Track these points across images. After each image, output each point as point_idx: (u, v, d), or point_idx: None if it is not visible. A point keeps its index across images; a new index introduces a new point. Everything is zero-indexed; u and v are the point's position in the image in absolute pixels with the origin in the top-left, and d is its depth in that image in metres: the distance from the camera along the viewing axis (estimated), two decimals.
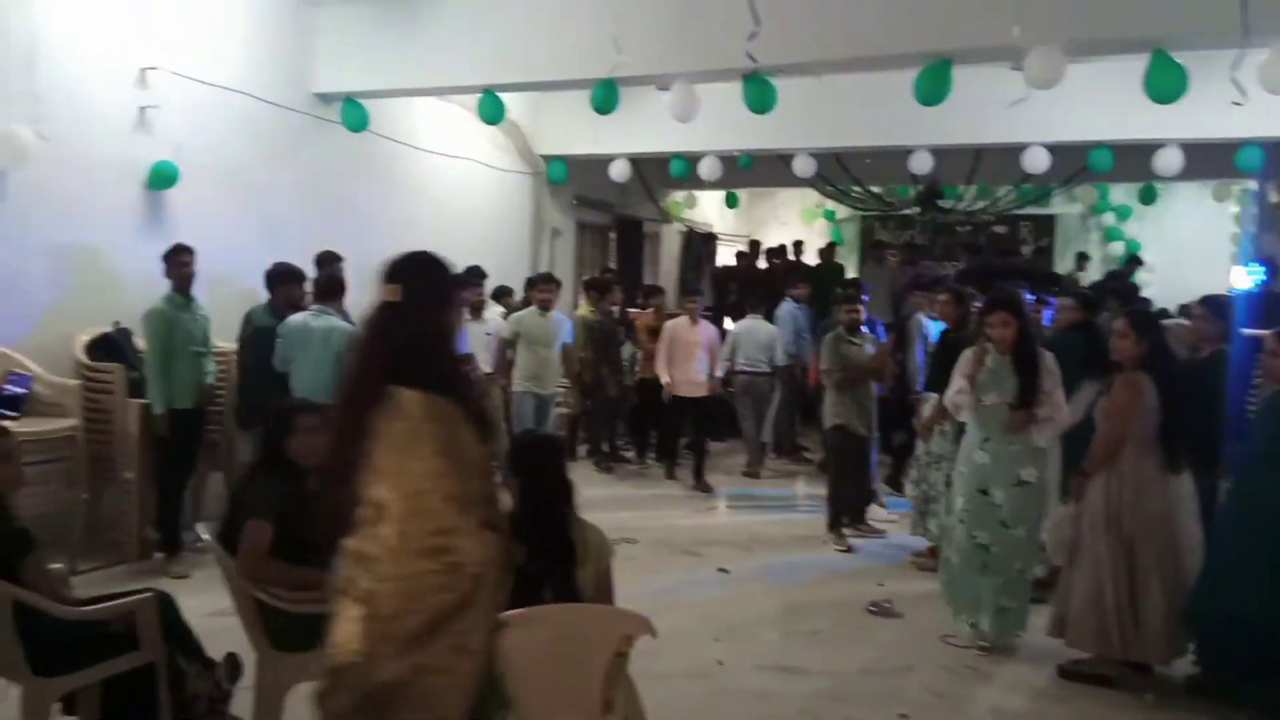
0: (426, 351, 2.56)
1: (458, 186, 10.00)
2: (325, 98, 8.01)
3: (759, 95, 6.58)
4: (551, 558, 2.89)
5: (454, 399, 2.50)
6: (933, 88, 6.19)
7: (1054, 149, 9.20)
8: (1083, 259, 13.86)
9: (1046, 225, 15.52)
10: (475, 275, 8.12)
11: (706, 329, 8.71)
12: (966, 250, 14.09)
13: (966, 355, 5.00)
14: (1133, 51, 6.11)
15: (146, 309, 5.71)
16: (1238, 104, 5.74)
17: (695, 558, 6.44)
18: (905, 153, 9.91)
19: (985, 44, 6.03)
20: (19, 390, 3.57)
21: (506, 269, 9.86)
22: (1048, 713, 4.26)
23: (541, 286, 8.03)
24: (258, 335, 6.09)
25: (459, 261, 8.22)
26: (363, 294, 7.84)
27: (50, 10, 5.92)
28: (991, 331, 4.84)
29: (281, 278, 6.28)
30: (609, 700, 2.82)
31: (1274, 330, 4.38)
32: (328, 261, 6.94)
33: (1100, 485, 4.39)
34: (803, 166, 10.31)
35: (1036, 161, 9.19)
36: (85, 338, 6.03)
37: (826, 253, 13.30)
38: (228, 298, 6.50)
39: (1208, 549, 4.26)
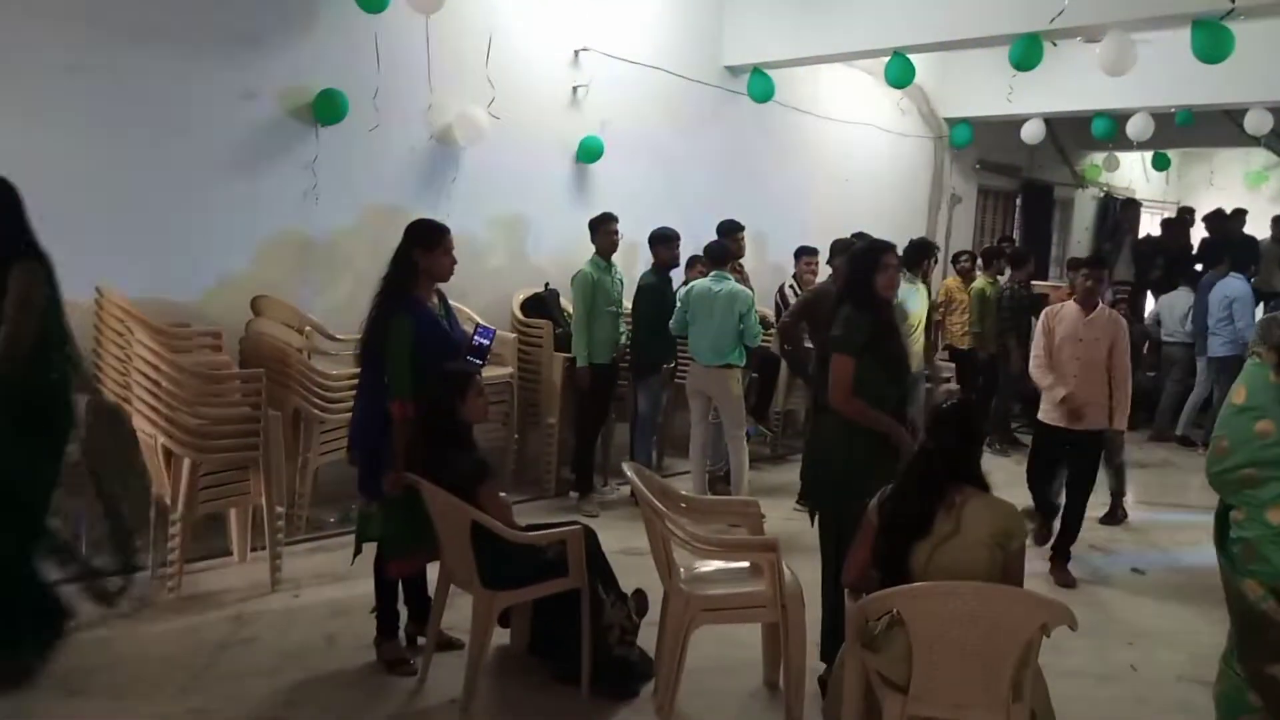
0: None
1: (857, 153, 9.90)
2: (734, 70, 8.27)
3: (1213, 42, 5.80)
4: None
5: None
6: None
7: None
8: None
9: None
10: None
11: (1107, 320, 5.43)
12: None
13: None
14: None
15: (575, 272, 6.26)
16: None
17: (1104, 554, 5.94)
18: None
19: None
20: (485, 341, 4.07)
21: (904, 236, 9.58)
22: None
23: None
24: (641, 294, 6.48)
25: (852, 228, 8.21)
26: (765, 260, 8.10)
27: (501, 3, 6.64)
28: None
29: (656, 240, 6.58)
30: (1019, 684, 2.70)
31: None
32: (729, 230, 7.17)
33: None
34: (1256, 122, 8.98)
35: None
36: (521, 296, 6.77)
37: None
38: (646, 262, 6.93)
39: None
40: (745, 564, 3.76)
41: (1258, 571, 2.56)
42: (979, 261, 9.07)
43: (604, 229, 6.28)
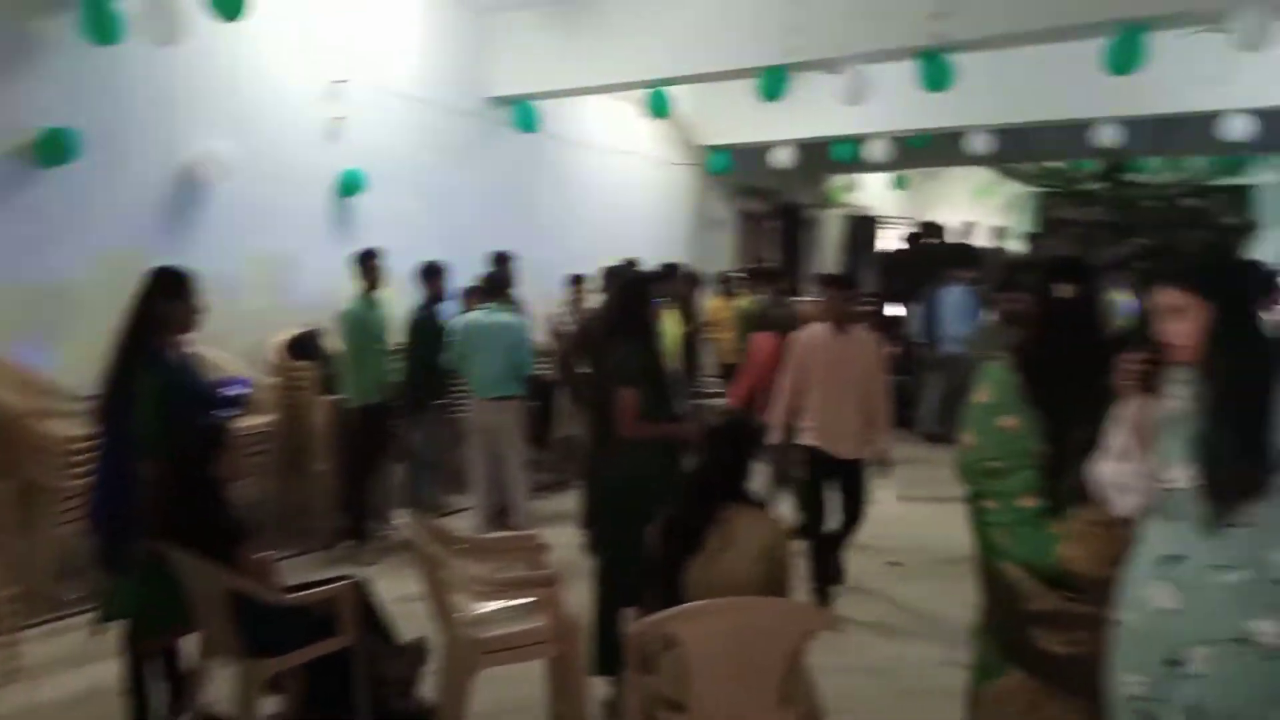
0: None
1: (623, 181, 10.14)
2: (499, 101, 8.27)
3: (936, 73, 6.36)
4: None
5: None
6: (1125, 56, 5.82)
7: (1263, 114, 8.48)
8: None
9: (1242, 196, 14.34)
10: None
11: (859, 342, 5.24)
12: (1155, 227, 13.19)
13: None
14: None
15: (341, 309, 6.03)
16: None
17: (862, 551, 6.28)
18: (1086, 126, 9.35)
19: (1185, 7, 5.62)
20: (240, 391, 3.85)
21: (668, 260, 9.91)
22: None
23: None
24: (412, 329, 6.42)
25: (619, 255, 8.39)
26: (536, 288, 8.08)
27: (247, 32, 6.33)
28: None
29: (425, 273, 6.54)
30: (788, 693, 2.80)
31: None
32: (501, 260, 7.16)
33: None
34: (978, 144, 9.89)
35: (1235, 130, 8.50)
36: (283, 338, 6.44)
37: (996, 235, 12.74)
38: (415, 297, 6.76)
39: None
40: (528, 600, 3.73)
41: (1013, 553, 2.77)
42: (748, 280, 9.51)
43: (368, 264, 6.10)
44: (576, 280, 7.83)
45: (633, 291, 4.07)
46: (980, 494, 2.89)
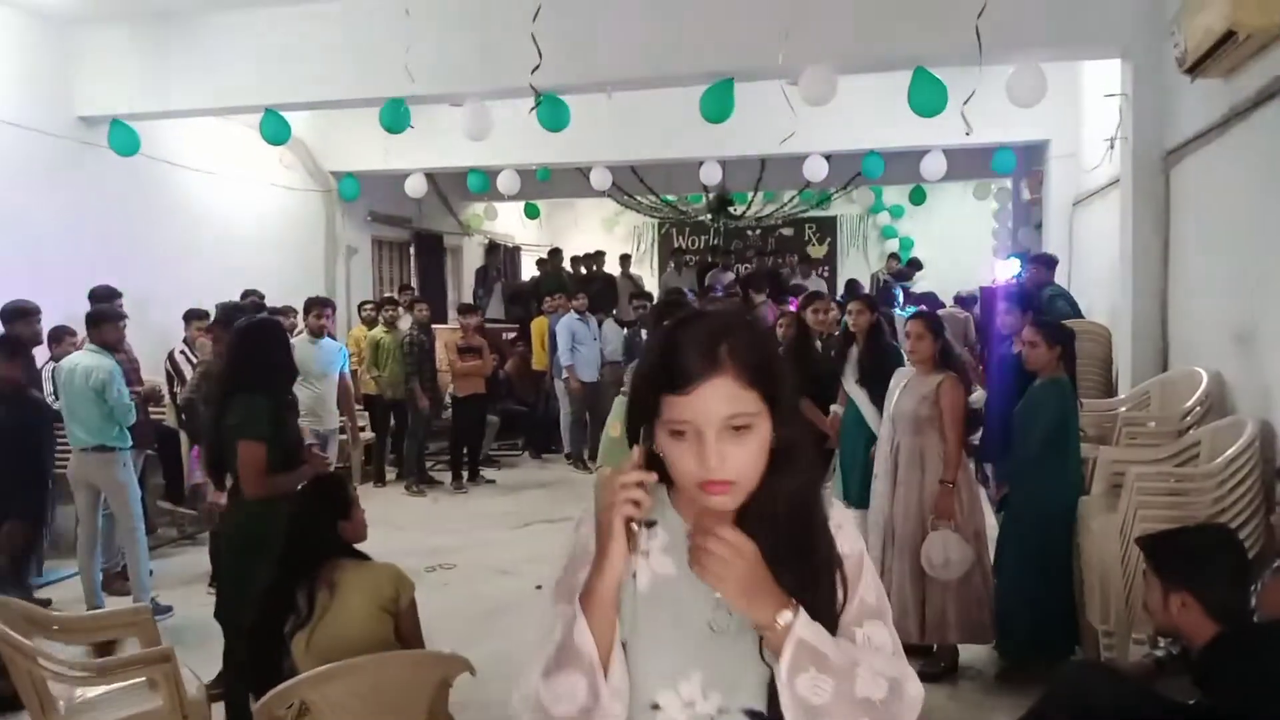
0: None
1: (244, 208, 9.59)
2: (90, 121, 7.50)
3: (552, 114, 6.68)
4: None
5: None
6: (718, 105, 6.46)
7: (830, 157, 9.77)
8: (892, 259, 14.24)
9: (830, 226, 16.43)
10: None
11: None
12: (757, 254, 14.71)
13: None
14: (898, 68, 6.59)
15: None
16: (968, 134, 6.29)
17: (513, 576, 6.41)
18: (696, 164, 10.24)
19: (759, 64, 6.35)
20: None
21: (301, 291, 9.51)
22: None
23: (316, 312, 7.37)
24: None
25: (244, 285, 7.95)
26: (150, 326, 7.43)
27: None
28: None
29: (10, 316, 5.81)
30: None
31: (1030, 320, 4.77)
32: (103, 298, 6.49)
33: (915, 486, 4.40)
34: (599, 179, 10.49)
35: (816, 170, 9.71)
36: None
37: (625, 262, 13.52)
38: None
39: (1000, 543, 4.56)
40: (142, 679, 3.41)
41: None
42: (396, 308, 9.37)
43: None
44: (195, 316, 7.24)
45: (256, 336, 3.80)
46: None
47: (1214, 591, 2.45)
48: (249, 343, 3.75)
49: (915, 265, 13.72)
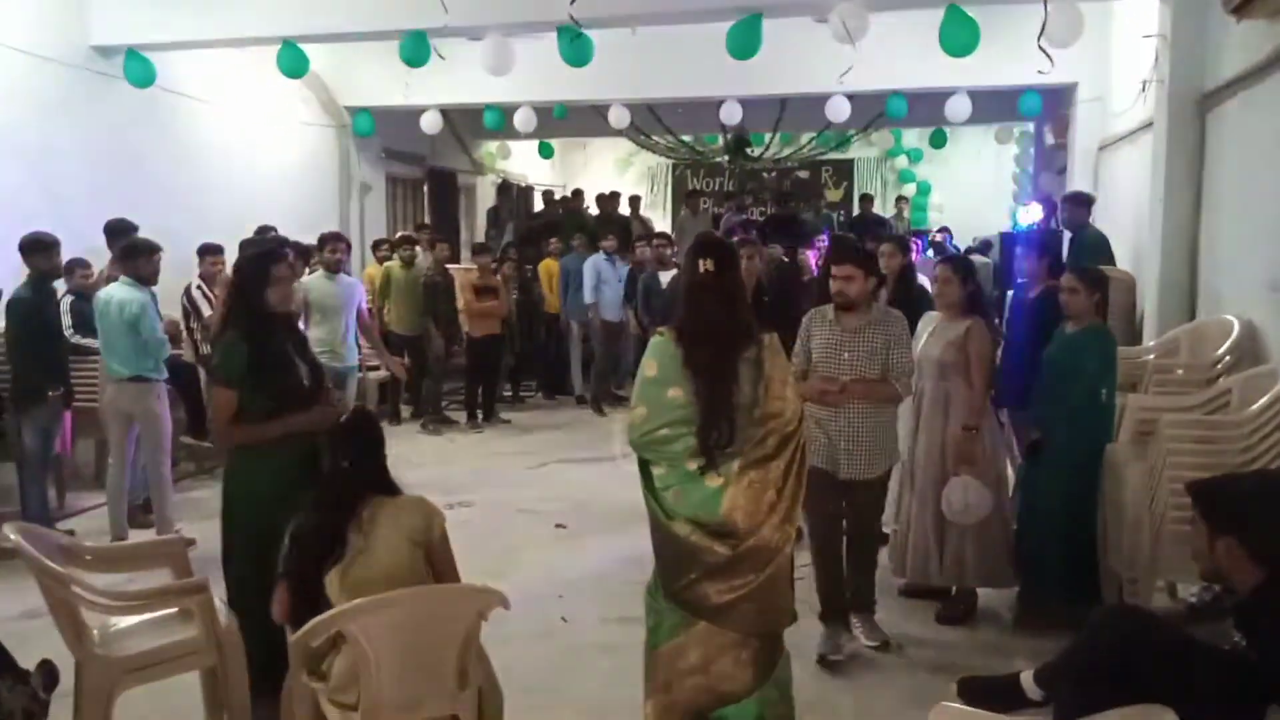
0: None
1: (257, 143, 9.49)
2: (105, 51, 7.38)
3: (575, 49, 6.55)
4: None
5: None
6: (744, 41, 6.34)
7: (853, 98, 9.59)
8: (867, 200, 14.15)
9: (846, 169, 16.24)
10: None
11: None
12: (775, 198, 14.53)
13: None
14: (930, 6, 6.44)
15: None
16: (1042, 72, 6.11)
17: (529, 514, 6.45)
18: (715, 103, 10.09)
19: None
20: None
21: (316, 228, 9.44)
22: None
23: (330, 246, 7.18)
24: (13, 312, 5.68)
25: (258, 222, 7.86)
26: (167, 260, 7.41)
27: None
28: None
29: (28, 248, 5.75)
30: (463, 672, 2.83)
31: (1070, 267, 4.69)
32: (118, 231, 6.44)
33: (938, 430, 4.39)
34: (617, 117, 10.34)
35: (839, 110, 9.56)
36: None
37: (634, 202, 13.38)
38: (16, 268, 5.92)
39: (1023, 488, 4.56)
40: (173, 610, 3.44)
41: (683, 511, 2.95)
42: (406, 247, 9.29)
43: None
44: (210, 250, 7.19)
45: (252, 272, 3.57)
46: (652, 461, 3.06)
47: (1261, 537, 2.44)
48: (243, 278, 3.64)
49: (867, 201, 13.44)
